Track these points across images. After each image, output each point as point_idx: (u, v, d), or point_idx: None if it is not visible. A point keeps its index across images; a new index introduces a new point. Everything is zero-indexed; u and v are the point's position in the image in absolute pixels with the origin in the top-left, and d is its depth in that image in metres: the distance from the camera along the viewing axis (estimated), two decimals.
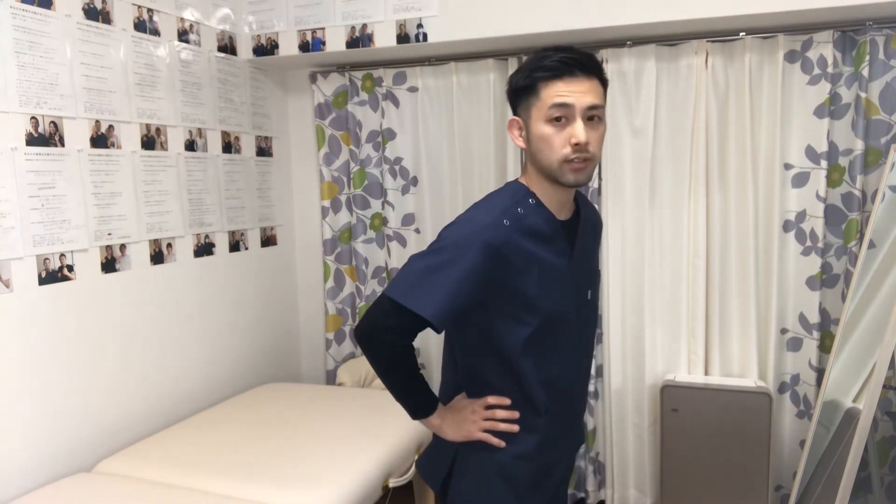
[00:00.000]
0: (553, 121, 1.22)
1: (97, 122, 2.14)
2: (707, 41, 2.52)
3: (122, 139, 2.24)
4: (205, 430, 2.29)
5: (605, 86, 1.27)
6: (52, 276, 2.00)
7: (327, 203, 3.07)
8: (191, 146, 2.55)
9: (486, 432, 1.35)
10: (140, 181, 2.31)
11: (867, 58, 2.34)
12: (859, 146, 2.39)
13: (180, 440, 2.21)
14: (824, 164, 2.45)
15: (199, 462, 2.04)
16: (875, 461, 2.34)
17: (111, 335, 2.20)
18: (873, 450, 2.34)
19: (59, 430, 2.02)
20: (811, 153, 2.48)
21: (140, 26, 2.31)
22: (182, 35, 2.50)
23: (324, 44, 2.72)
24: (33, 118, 1.94)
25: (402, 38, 2.60)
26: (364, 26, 2.65)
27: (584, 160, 1.23)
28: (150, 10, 2.34)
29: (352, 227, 3.08)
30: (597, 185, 2.70)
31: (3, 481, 1.86)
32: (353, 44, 2.68)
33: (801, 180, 2.52)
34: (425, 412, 1.37)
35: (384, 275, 3.07)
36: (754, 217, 2.52)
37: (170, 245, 2.45)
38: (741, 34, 2.47)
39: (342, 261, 3.10)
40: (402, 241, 3.02)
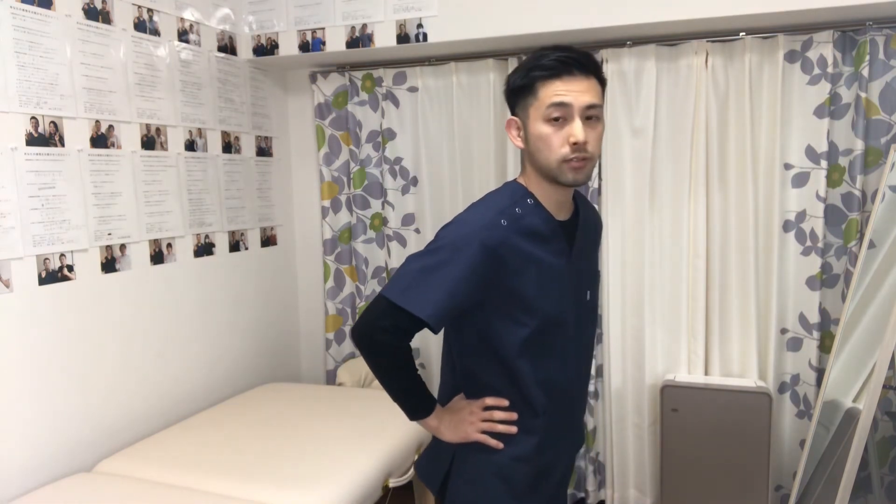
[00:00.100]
0: (551, 120, 1.22)
1: (97, 122, 2.14)
2: (707, 41, 2.52)
3: (122, 139, 2.24)
4: (205, 430, 2.29)
5: (603, 85, 1.27)
6: (52, 276, 2.00)
7: (327, 203, 3.07)
8: (191, 146, 2.55)
9: (484, 433, 1.34)
10: (140, 181, 2.31)
11: (867, 58, 2.34)
12: (859, 146, 2.39)
13: (180, 440, 2.21)
14: (824, 164, 2.45)
15: (199, 462, 2.04)
16: (875, 461, 2.33)
17: (111, 335, 2.20)
18: (873, 450, 2.33)
19: (59, 430, 2.02)
20: (811, 153, 2.48)
21: (140, 26, 2.31)
22: (182, 35, 2.50)
23: (324, 44, 2.72)
24: (33, 118, 1.94)
25: (402, 38, 2.61)
26: (364, 26, 2.65)
27: (583, 159, 1.23)
28: (150, 10, 2.34)
29: (352, 227, 3.08)
30: (597, 185, 2.70)
31: (3, 481, 1.86)
32: (353, 44, 2.68)
33: (801, 180, 2.52)
34: (423, 413, 1.36)
35: (384, 275, 3.07)
36: (754, 217, 2.52)
37: (170, 245, 2.45)
38: (741, 34, 2.47)
39: (342, 261, 3.11)
40: (402, 241, 3.02)
